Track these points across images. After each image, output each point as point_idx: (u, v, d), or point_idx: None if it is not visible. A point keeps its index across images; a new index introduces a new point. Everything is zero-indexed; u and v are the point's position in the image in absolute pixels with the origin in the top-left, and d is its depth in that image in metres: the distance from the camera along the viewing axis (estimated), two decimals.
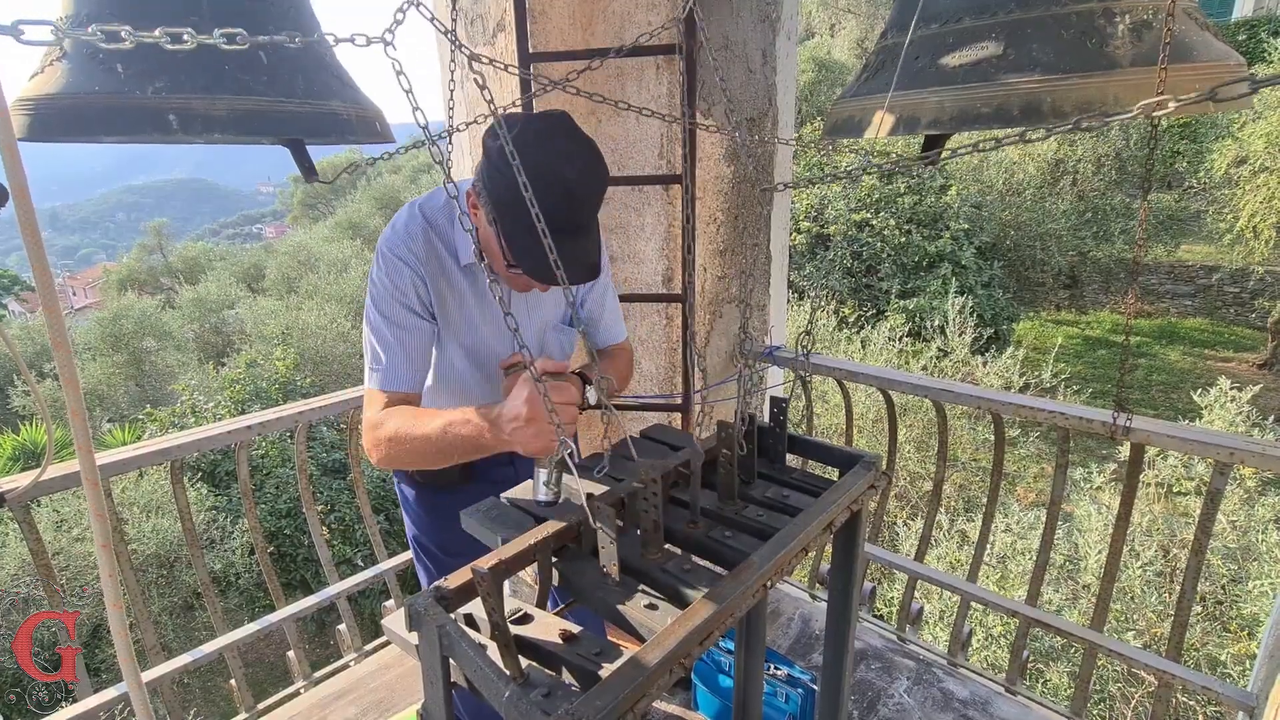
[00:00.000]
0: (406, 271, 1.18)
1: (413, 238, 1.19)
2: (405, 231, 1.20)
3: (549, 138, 1.03)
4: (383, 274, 1.19)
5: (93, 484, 0.81)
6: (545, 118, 1.06)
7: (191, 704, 5.80)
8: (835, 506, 0.90)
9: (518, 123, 1.04)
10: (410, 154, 25.18)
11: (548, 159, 1.00)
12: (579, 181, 1.02)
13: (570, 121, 1.06)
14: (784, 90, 2.05)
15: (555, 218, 0.98)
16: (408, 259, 1.18)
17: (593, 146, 1.06)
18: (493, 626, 0.63)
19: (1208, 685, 1.59)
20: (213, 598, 1.89)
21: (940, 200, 8.94)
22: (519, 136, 1.00)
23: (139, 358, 11.37)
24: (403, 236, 1.19)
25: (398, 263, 1.18)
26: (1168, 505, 4.09)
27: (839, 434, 5.29)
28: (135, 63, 0.84)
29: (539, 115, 1.06)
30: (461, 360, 1.30)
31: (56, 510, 5.91)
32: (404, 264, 1.18)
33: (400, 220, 1.22)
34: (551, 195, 0.98)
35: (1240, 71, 0.87)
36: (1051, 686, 3.39)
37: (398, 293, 1.18)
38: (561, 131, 1.04)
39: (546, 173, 0.99)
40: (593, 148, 1.06)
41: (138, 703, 0.97)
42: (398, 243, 1.19)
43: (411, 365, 1.19)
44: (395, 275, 1.18)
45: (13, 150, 0.69)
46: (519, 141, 0.99)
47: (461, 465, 1.30)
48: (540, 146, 1.01)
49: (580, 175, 1.03)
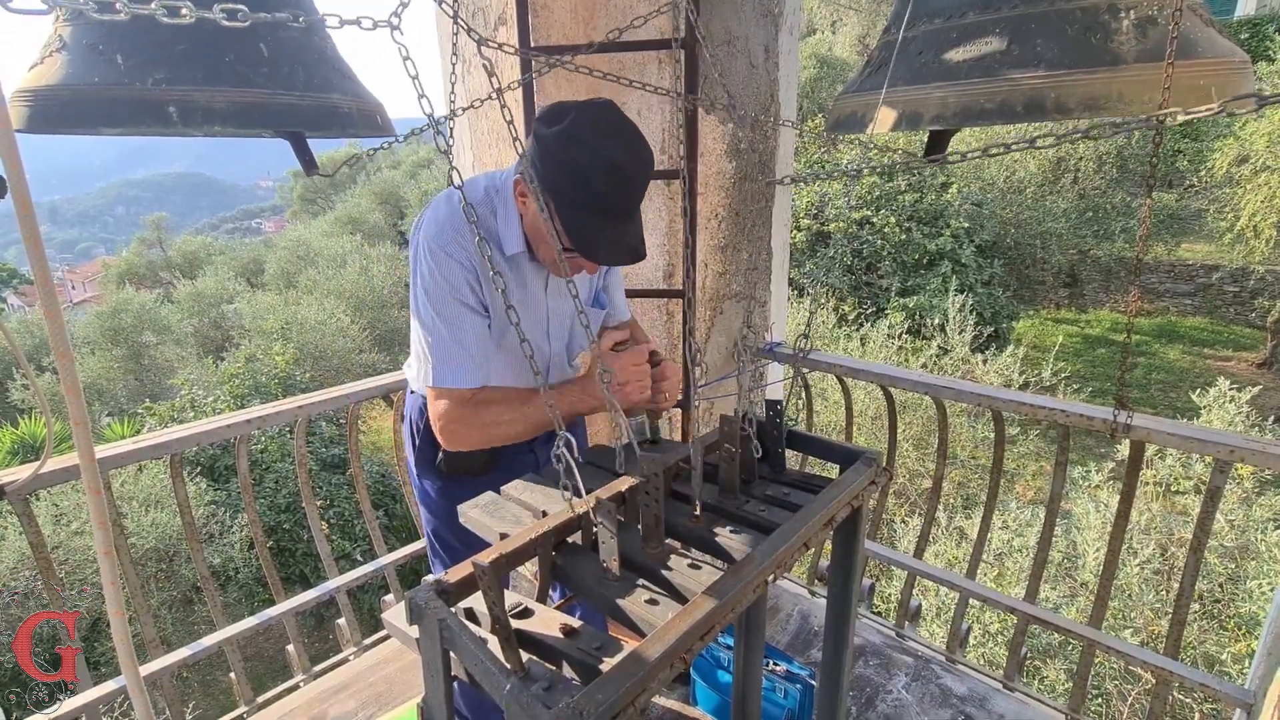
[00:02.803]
0: (458, 266, 1.18)
1: (461, 232, 1.18)
2: (452, 226, 1.18)
3: (602, 124, 1.06)
4: (434, 270, 1.18)
5: (92, 476, 0.81)
6: (595, 105, 1.08)
7: (190, 698, 5.81)
8: (836, 502, 0.90)
9: (571, 109, 1.06)
10: (410, 149, 25.02)
11: (602, 144, 1.04)
12: (630, 164, 1.06)
13: (617, 109, 1.09)
14: (786, 86, 2.04)
15: (610, 201, 1.05)
16: (457, 254, 1.17)
17: (639, 133, 1.09)
18: (493, 620, 0.63)
19: (1206, 682, 1.59)
20: (212, 592, 1.89)
21: (941, 198, 8.93)
22: (574, 123, 1.04)
23: (138, 352, 11.37)
24: (450, 230, 1.18)
25: (448, 259, 1.17)
26: (1166, 503, 4.09)
27: (839, 431, 5.29)
28: (135, 54, 0.84)
29: (588, 103, 1.08)
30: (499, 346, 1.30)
31: (55, 504, 5.91)
32: (454, 260, 1.17)
33: (443, 214, 1.20)
34: (607, 179, 1.04)
35: (1245, 69, 0.86)
36: (1049, 683, 3.40)
37: (453, 289, 1.18)
38: (612, 118, 1.07)
39: (602, 158, 1.03)
40: (639, 134, 1.09)
41: (136, 696, 0.97)
42: (446, 239, 1.18)
43: (474, 361, 1.20)
44: (448, 271, 1.17)
45: (11, 142, 0.69)
46: (574, 127, 1.04)
47: (488, 452, 1.33)
48: (595, 132, 1.04)
49: (632, 159, 1.06)
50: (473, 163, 2.16)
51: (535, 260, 1.25)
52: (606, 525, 0.76)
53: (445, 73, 1.28)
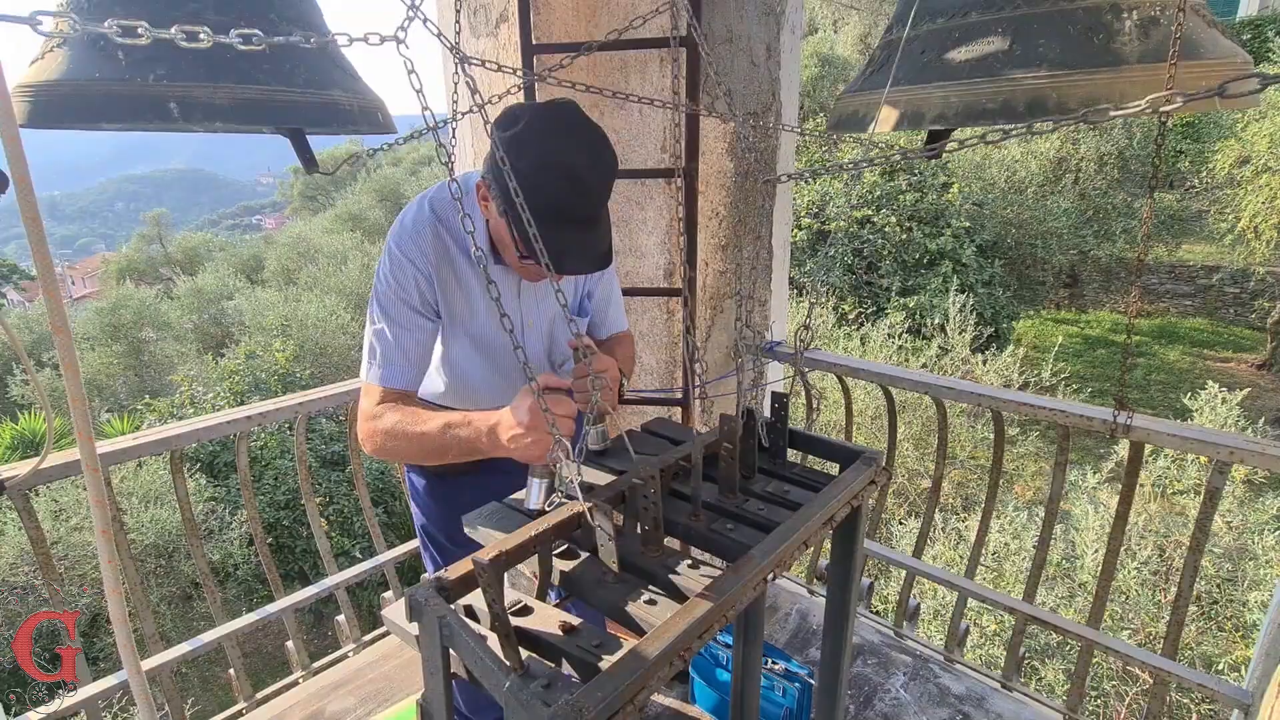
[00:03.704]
0: (411, 270, 1.18)
1: (420, 234, 1.18)
2: (413, 228, 1.19)
3: (556, 127, 1.02)
4: (388, 272, 1.19)
5: (93, 470, 0.81)
6: (552, 107, 1.05)
7: (190, 693, 5.82)
8: (836, 501, 0.90)
9: (525, 113, 1.03)
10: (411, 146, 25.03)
11: (556, 148, 1.00)
12: (588, 170, 1.02)
13: (578, 110, 1.06)
14: (787, 84, 2.04)
15: (565, 207, 1.00)
16: (414, 256, 1.18)
17: (601, 135, 1.06)
18: (493, 618, 0.63)
19: (1203, 682, 1.59)
20: (212, 588, 1.89)
21: (942, 198, 8.92)
22: (527, 126, 1.00)
23: (138, 348, 11.36)
24: (410, 234, 1.19)
25: (403, 260, 1.18)
26: (1165, 504, 4.10)
27: (839, 430, 5.29)
28: (136, 50, 0.84)
29: (546, 104, 1.06)
30: (470, 350, 1.30)
31: (55, 500, 5.92)
32: (410, 262, 1.18)
33: (409, 216, 1.21)
34: (561, 184, 0.99)
35: (1247, 69, 0.86)
36: (1047, 684, 3.40)
37: (401, 291, 1.18)
38: (569, 120, 1.04)
39: (555, 163, 0.99)
40: (601, 136, 1.06)
41: (137, 691, 0.98)
42: (405, 240, 1.19)
43: (409, 363, 1.19)
44: (399, 273, 1.18)
45: (14, 137, 0.69)
46: (527, 131, 1.00)
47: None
48: (548, 136, 1.00)
49: (589, 164, 1.02)
50: (473, 162, 2.16)
51: (503, 264, 1.23)
52: (604, 529, 0.76)
53: (446, 74, 1.28)
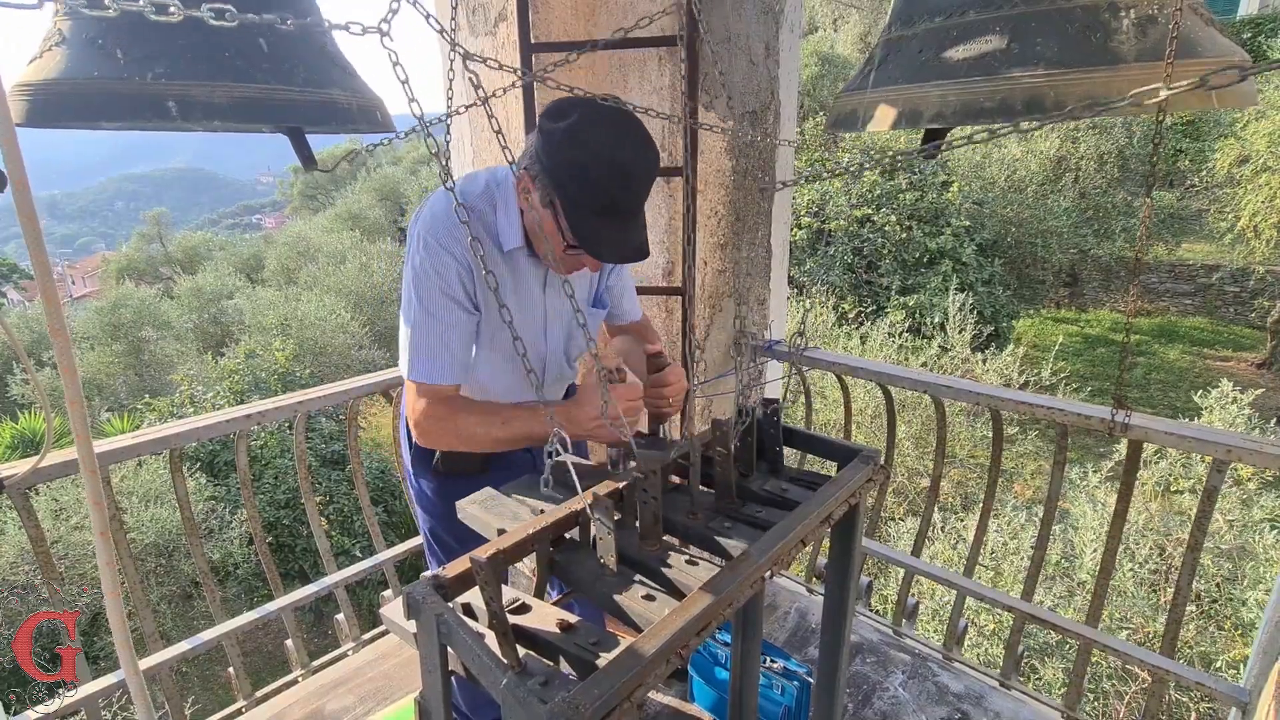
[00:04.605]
0: (450, 260, 1.16)
1: (456, 225, 1.15)
2: (448, 218, 1.16)
3: (609, 121, 1.05)
4: (428, 264, 1.16)
5: (91, 473, 0.81)
6: (600, 102, 1.07)
7: (189, 692, 5.82)
8: (833, 499, 0.90)
9: (576, 106, 1.06)
10: (411, 144, 25.05)
11: (610, 142, 1.03)
12: (636, 164, 1.06)
13: (624, 107, 1.08)
14: (786, 83, 2.04)
15: (615, 200, 1.04)
16: (452, 248, 1.16)
17: (647, 132, 1.09)
18: (491, 616, 0.63)
19: (1201, 681, 1.59)
20: (211, 587, 1.89)
21: (942, 197, 8.92)
22: (582, 119, 1.03)
23: (137, 347, 11.36)
24: (446, 224, 1.16)
25: (441, 252, 1.16)
26: (1164, 503, 4.10)
27: (837, 429, 5.29)
28: (135, 48, 0.84)
29: (595, 101, 1.08)
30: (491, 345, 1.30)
31: (55, 499, 5.92)
32: (449, 253, 1.16)
33: (440, 206, 1.18)
34: (614, 178, 1.03)
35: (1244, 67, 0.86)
36: (1045, 682, 3.41)
37: (443, 282, 1.16)
38: (620, 115, 1.07)
39: (608, 157, 1.03)
40: (646, 133, 1.08)
41: (136, 690, 0.98)
42: (441, 231, 1.16)
43: (455, 358, 1.19)
44: (439, 264, 1.16)
45: (11, 136, 0.69)
46: (582, 123, 1.03)
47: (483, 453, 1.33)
48: (601, 129, 1.04)
49: (638, 160, 1.06)
50: (472, 159, 2.16)
51: (534, 256, 1.24)
52: (603, 522, 0.76)
53: (443, 70, 1.28)
